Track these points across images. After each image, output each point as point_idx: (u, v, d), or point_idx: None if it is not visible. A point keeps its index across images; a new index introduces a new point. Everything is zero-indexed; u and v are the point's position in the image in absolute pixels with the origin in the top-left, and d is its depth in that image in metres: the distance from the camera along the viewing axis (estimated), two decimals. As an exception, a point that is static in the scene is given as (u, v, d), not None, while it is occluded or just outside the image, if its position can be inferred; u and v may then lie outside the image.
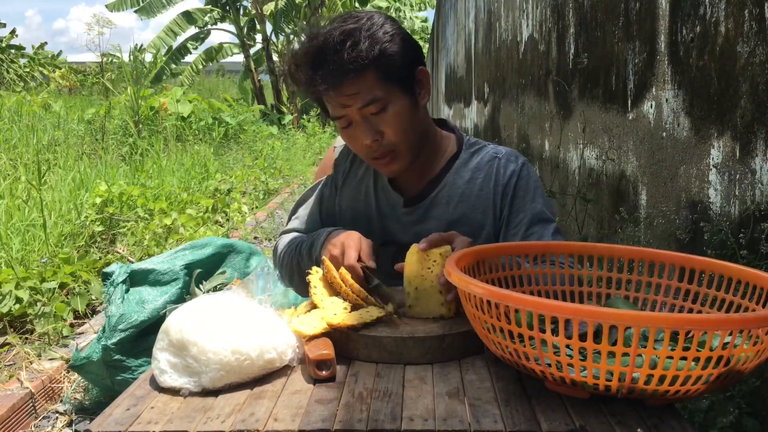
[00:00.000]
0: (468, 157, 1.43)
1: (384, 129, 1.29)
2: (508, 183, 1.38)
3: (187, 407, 0.90)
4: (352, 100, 1.26)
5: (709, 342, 0.79)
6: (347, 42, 1.24)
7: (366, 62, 1.24)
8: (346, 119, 1.30)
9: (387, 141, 1.30)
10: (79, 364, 2.14)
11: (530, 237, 1.34)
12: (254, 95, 16.12)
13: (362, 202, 1.46)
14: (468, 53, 7.35)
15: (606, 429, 0.81)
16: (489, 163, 1.41)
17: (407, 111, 1.31)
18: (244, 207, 5.83)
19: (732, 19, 1.49)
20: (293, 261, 1.42)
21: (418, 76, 1.34)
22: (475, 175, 1.40)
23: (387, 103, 1.28)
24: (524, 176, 1.40)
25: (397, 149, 1.32)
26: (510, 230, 1.36)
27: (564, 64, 3.02)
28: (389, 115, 1.29)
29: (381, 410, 0.86)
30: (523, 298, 0.82)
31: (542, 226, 1.35)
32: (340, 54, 1.23)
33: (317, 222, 1.51)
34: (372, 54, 1.24)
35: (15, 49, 20.28)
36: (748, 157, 1.43)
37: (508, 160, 1.41)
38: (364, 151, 1.34)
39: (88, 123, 8.87)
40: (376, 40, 1.26)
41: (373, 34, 1.26)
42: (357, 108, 1.27)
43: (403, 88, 1.31)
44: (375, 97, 1.26)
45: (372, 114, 1.28)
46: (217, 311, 1.01)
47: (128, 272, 2.18)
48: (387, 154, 1.32)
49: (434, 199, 1.40)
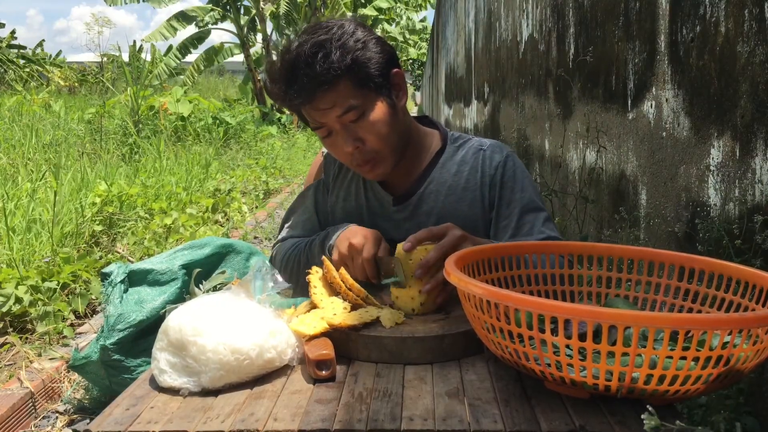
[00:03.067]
0: (453, 152, 1.44)
1: (364, 135, 1.30)
2: (495, 174, 1.39)
3: (187, 407, 0.90)
4: (330, 111, 1.27)
5: (709, 341, 0.79)
6: (318, 54, 1.24)
7: (339, 72, 1.24)
8: (326, 129, 1.31)
9: (368, 147, 1.31)
10: (78, 364, 2.14)
11: (522, 227, 1.35)
12: (254, 95, 16.11)
13: (353, 203, 1.47)
14: (468, 53, 7.35)
15: (606, 429, 0.81)
16: (474, 155, 1.42)
17: (385, 115, 1.31)
18: (244, 207, 5.84)
19: (732, 18, 1.49)
20: (302, 260, 1.42)
21: (394, 79, 1.35)
22: (461, 168, 1.41)
23: (365, 110, 1.28)
24: (510, 166, 1.40)
25: (380, 154, 1.33)
26: (501, 221, 1.37)
27: (564, 64, 3.02)
28: (368, 121, 1.29)
29: (381, 410, 0.86)
30: (523, 298, 0.82)
31: (534, 215, 1.36)
32: (312, 67, 1.23)
33: (315, 226, 1.52)
34: (344, 63, 1.24)
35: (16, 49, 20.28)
36: (748, 157, 1.43)
37: (493, 152, 1.42)
38: (347, 158, 1.34)
39: (88, 123, 8.87)
40: (347, 49, 1.26)
41: (344, 44, 1.26)
42: (335, 117, 1.28)
43: (380, 93, 1.31)
44: (351, 105, 1.27)
45: (351, 122, 1.29)
46: (216, 311, 1.01)
47: (127, 272, 2.17)
48: (369, 160, 1.33)
49: (422, 195, 1.41)
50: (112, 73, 14.13)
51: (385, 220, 1.43)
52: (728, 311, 0.98)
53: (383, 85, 1.32)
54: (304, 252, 1.42)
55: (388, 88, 1.33)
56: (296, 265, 1.44)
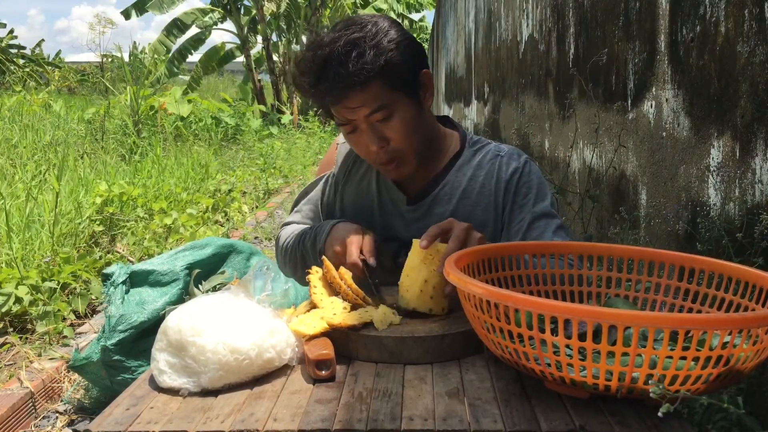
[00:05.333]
0: (471, 155, 1.44)
1: (390, 135, 1.29)
2: (510, 180, 1.38)
3: (187, 407, 0.90)
4: (358, 110, 1.26)
5: (709, 341, 0.79)
6: (353, 53, 1.22)
7: (371, 73, 1.22)
8: (352, 126, 1.30)
9: (393, 147, 1.30)
10: (78, 364, 2.14)
11: (532, 232, 1.33)
12: (254, 95, 16.11)
13: (364, 198, 1.47)
14: (468, 53, 7.35)
15: (606, 429, 0.81)
16: (491, 161, 1.41)
17: (412, 116, 1.31)
18: (244, 207, 5.84)
19: (732, 18, 1.49)
20: (297, 253, 1.43)
21: (423, 79, 1.34)
22: (477, 173, 1.41)
23: (393, 111, 1.28)
24: (526, 173, 1.40)
25: (404, 155, 1.32)
26: (513, 226, 1.36)
27: (564, 64, 3.02)
28: (395, 122, 1.28)
29: (381, 410, 0.86)
30: (523, 298, 0.82)
31: (546, 221, 1.34)
32: (345, 66, 1.22)
33: (317, 216, 1.54)
34: (378, 64, 1.23)
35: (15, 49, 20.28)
36: (748, 157, 1.43)
37: (510, 158, 1.41)
38: (370, 156, 1.34)
39: (88, 123, 8.87)
40: (381, 49, 1.24)
41: (378, 43, 1.24)
42: (363, 116, 1.27)
43: (408, 94, 1.30)
44: (380, 105, 1.26)
45: (378, 121, 1.28)
46: (215, 311, 1.01)
47: (128, 273, 2.18)
48: (393, 159, 1.32)
49: (437, 197, 1.41)
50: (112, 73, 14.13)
51: (397, 219, 1.43)
52: (728, 311, 0.98)
53: (412, 86, 1.31)
54: (299, 248, 1.43)
55: (417, 89, 1.32)
56: (292, 258, 1.46)
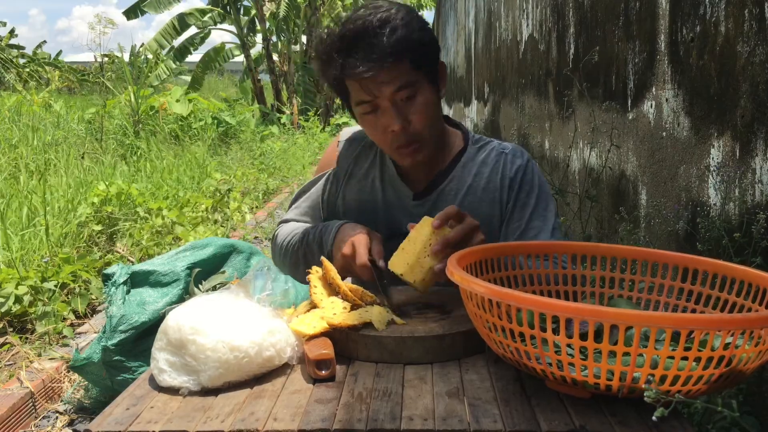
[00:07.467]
0: (474, 152, 1.47)
1: (412, 117, 1.32)
2: (514, 177, 1.41)
3: (187, 407, 0.90)
4: (387, 85, 1.28)
5: (711, 342, 0.79)
6: (386, 27, 1.27)
7: (404, 49, 1.27)
8: (371, 105, 1.32)
9: (413, 129, 1.33)
10: (79, 364, 2.14)
11: (529, 230, 1.37)
12: (254, 95, 16.10)
13: (368, 194, 1.48)
14: (468, 53, 7.35)
15: (606, 429, 0.81)
16: (496, 158, 1.45)
17: (433, 101, 1.35)
18: (244, 207, 5.83)
19: (732, 19, 1.49)
20: (299, 252, 1.43)
21: (440, 68, 1.39)
22: (482, 170, 1.44)
23: (417, 91, 1.31)
24: (530, 171, 1.43)
25: (423, 139, 1.35)
26: (512, 223, 1.39)
27: (564, 64, 3.02)
28: (418, 103, 1.32)
29: (380, 410, 0.86)
30: (525, 297, 0.82)
31: (543, 221, 1.38)
32: (380, 38, 1.26)
33: (317, 215, 1.54)
34: (410, 41, 1.28)
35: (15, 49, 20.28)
36: (748, 157, 1.43)
37: (515, 156, 1.45)
38: (389, 138, 1.34)
39: (88, 123, 8.86)
40: (411, 29, 1.29)
41: (408, 23, 1.30)
42: (390, 92, 1.29)
43: (430, 80, 1.34)
44: (408, 82, 1.29)
45: (402, 100, 1.31)
46: (215, 310, 1.01)
47: (129, 273, 2.17)
48: (412, 143, 1.34)
49: (443, 192, 1.43)
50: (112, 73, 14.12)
51: (402, 213, 1.44)
52: (731, 312, 0.98)
53: (434, 72, 1.36)
54: (302, 246, 1.43)
55: (436, 76, 1.37)
56: (293, 256, 1.45)
